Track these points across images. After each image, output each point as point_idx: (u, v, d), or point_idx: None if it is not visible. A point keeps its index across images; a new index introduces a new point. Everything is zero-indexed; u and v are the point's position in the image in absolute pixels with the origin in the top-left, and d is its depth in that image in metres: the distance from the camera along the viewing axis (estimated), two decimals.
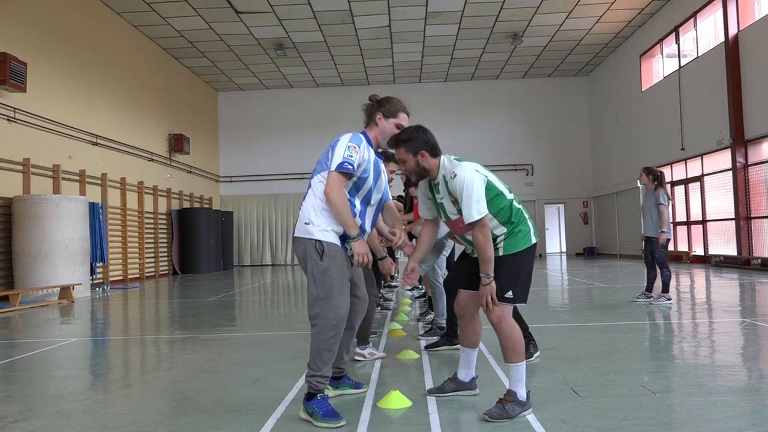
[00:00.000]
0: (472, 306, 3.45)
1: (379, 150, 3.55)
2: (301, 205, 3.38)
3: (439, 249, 5.69)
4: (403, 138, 3.34)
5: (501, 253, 3.25)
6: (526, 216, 3.32)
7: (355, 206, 3.33)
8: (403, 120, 3.48)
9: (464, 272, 3.52)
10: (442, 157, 3.36)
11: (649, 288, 7.80)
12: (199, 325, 7.01)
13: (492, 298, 3.16)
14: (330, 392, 3.60)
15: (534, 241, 3.29)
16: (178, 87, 18.88)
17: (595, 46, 19.22)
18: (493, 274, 3.17)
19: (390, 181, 4.80)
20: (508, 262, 3.23)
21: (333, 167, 3.20)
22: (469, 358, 3.56)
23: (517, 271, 3.22)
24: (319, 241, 3.21)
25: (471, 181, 3.18)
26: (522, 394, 3.13)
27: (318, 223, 3.24)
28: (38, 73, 11.56)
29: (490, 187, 3.25)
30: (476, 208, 3.14)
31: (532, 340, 4.42)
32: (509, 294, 3.19)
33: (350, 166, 3.20)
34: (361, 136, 3.40)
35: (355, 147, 3.24)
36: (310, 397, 3.18)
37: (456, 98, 22.28)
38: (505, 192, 3.31)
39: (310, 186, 3.37)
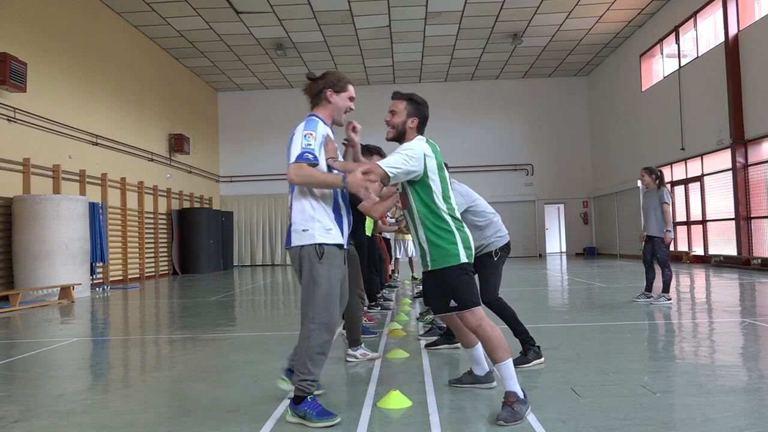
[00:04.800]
0: (453, 315, 3.50)
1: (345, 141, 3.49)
2: (290, 215, 3.30)
3: None
4: (412, 97, 3.44)
5: (430, 266, 3.30)
6: (458, 237, 3.25)
7: (339, 202, 3.30)
8: (353, 91, 3.43)
9: None
10: (421, 136, 3.41)
11: (649, 288, 7.80)
12: (199, 325, 7.01)
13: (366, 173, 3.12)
14: (284, 385, 3.54)
15: (463, 260, 3.23)
16: (178, 87, 18.88)
17: (595, 46, 19.22)
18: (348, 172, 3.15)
19: None
20: (440, 277, 3.27)
21: (292, 159, 3.14)
22: (473, 355, 3.67)
23: (453, 283, 3.23)
24: (320, 244, 3.19)
25: (410, 146, 3.24)
26: (519, 391, 3.13)
27: (317, 225, 3.20)
28: (38, 73, 11.56)
29: (437, 182, 3.25)
30: (394, 163, 3.14)
31: (533, 347, 4.38)
32: (453, 303, 3.23)
33: (311, 156, 3.13)
34: (316, 118, 3.31)
35: (311, 134, 3.18)
36: (299, 400, 3.14)
37: (456, 98, 22.28)
38: (438, 197, 3.26)
39: (291, 191, 3.29)
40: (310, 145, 3.14)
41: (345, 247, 3.34)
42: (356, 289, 4.70)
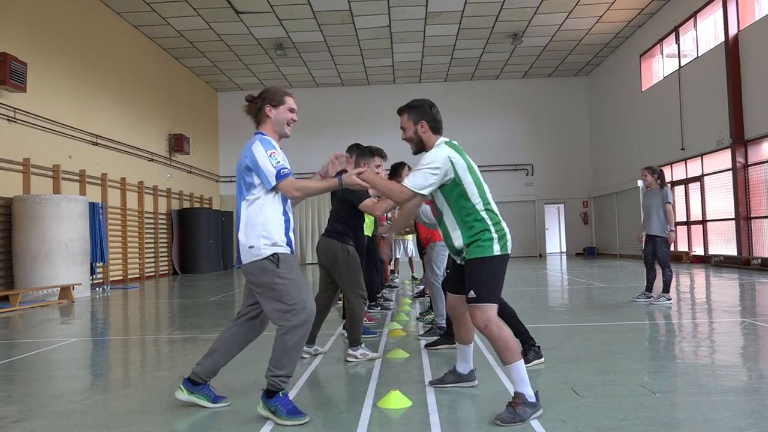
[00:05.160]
0: (460, 307, 3.53)
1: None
2: (237, 232, 3.34)
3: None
4: (409, 104, 3.44)
5: (467, 258, 3.29)
6: (493, 230, 3.25)
7: (287, 213, 3.34)
8: (292, 103, 3.44)
9: (451, 276, 3.58)
10: (442, 138, 3.41)
11: (649, 288, 7.80)
12: (199, 325, 7.01)
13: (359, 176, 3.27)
14: (181, 395, 3.47)
15: (496, 252, 3.23)
16: (178, 87, 18.88)
17: (595, 46, 19.22)
18: (368, 184, 3.27)
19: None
20: (470, 267, 3.26)
21: (274, 181, 3.20)
22: (465, 352, 3.67)
23: (477, 273, 3.22)
24: (273, 254, 3.22)
25: (433, 159, 3.24)
26: (530, 394, 3.09)
27: (264, 241, 3.22)
28: (38, 73, 11.56)
29: (456, 183, 3.27)
30: (416, 181, 3.19)
31: (533, 347, 4.38)
32: (471, 294, 3.22)
33: (287, 170, 3.23)
34: (266, 136, 3.35)
35: (274, 152, 3.25)
36: (271, 394, 3.17)
37: (456, 98, 22.27)
38: (474, 197, 3.27)
39: (239, 210, 3.33)
40: (279, 162, 3.23)
41: (291, 253, 3.38)
42: (358, 290, 4.71)
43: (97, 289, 12.49)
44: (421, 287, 9.29)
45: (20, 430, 3.20)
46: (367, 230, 6.61)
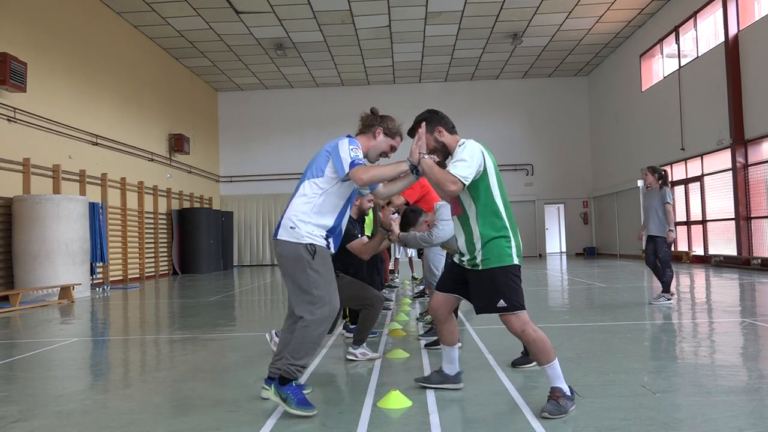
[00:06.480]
0: (444, 308, 3.54)
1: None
2: (286, 208, 3.42)
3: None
4: (418, 119, 3.46)
5: (481, 266, 3.26)
6: (512, 237, 3.27)
7: (338, 226, 3.43)
8: (398, 143, 3.60)
9: (447, 276, 3.57)
10: (468, 139, 3.43)
11: (666, 289, 7.53)
12: (199, 325, 7.01)
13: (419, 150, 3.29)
14: (266, 393, 3.46)
15: (515, 262, 3.25)
16: (178, 87, 18.88)
17: (595, 46, 19.22)
18: (420, 159, 3.26)
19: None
20: (491, 276, 3.24)
21: (347, 168, 3.26)
22: (451, 354, 3.66)
23: (503, 283, 3.21)
24: (311, 244, 3.30)
25: (471, 149, 3.26)
26: (565, 388, 3.17)
27: (306, 228, 3.32)
28: (38, 73, 11.56)
29: (487, 175, 3.30)
30: (460, 171, 3.18)
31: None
32: (501, 303, 3.21)
33: (362, 161, 3.30)
34: (357, 141, 3.44)
35: (356, 148, 3.34)
36: (284, 381, 3.24)
37: (456, 98, 22.24)
38: (497, 195, 3.30)
39: (297, 190, 3.41)
40: (359, 156, 3.31)
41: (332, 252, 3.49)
42: (373, 298, 4.66)
43: (97, 289, 12.49)
44: (421, 287, 9.29)
45: (20, 430, 3.20)
46: (367, 230, 6.61)
